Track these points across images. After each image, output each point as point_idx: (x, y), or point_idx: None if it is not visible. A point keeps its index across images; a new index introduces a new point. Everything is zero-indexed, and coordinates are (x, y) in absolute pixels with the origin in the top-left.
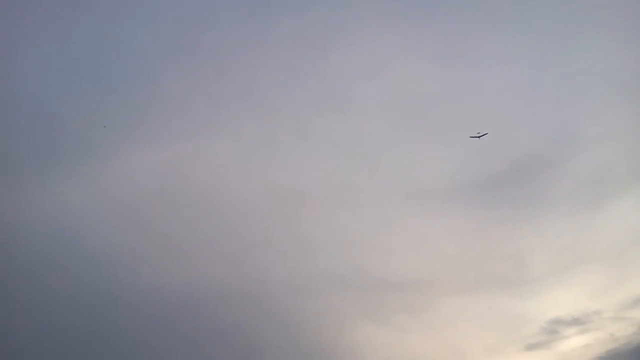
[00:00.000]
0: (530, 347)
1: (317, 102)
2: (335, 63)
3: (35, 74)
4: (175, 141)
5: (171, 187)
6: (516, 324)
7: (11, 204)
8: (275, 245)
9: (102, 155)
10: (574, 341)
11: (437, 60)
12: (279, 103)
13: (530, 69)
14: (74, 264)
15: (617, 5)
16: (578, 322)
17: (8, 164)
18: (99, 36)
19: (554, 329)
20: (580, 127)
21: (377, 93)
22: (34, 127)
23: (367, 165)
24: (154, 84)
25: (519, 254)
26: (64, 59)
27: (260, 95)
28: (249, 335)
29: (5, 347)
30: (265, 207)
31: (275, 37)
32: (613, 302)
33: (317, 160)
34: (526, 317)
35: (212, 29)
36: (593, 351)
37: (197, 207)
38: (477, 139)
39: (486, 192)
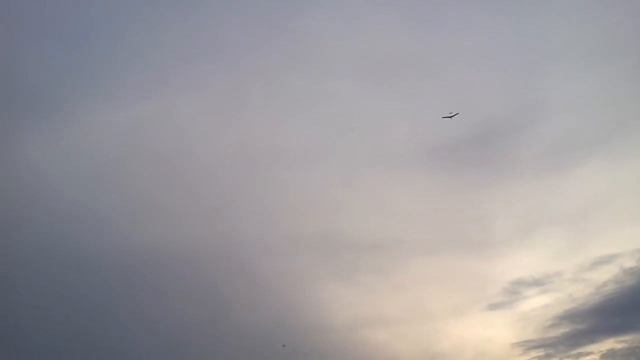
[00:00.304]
0: (493, 307)
1: (288, 62)
2: (306, 22)
3: None
4: (141, 98)
5: (137, 145)
6: (480, 285)
7: None
8: (244, 206)
9: (66, 112)
10: (535, 301)
11: (408, 24)
12: (248, 61)
13: (500, 34)
14: (39, 223)
15: None
16: (539, 283)
17: None
18: None
19: (515, 289)
20: (547, 94)
21: (348, 54)
22: None
23: (337, 127)
24: (117, 39)
25: (485, 217)
26: (25, 15)
27: (229, 52)
28: (221, 293)
29: None
30: (234, 168)
31: None
32: (573, 264)
33: (286, 121)
34: (489, 278)
35: None
36: (552, 311)
37: (164, 166)
38: (449, 118)
39: (454, 156)
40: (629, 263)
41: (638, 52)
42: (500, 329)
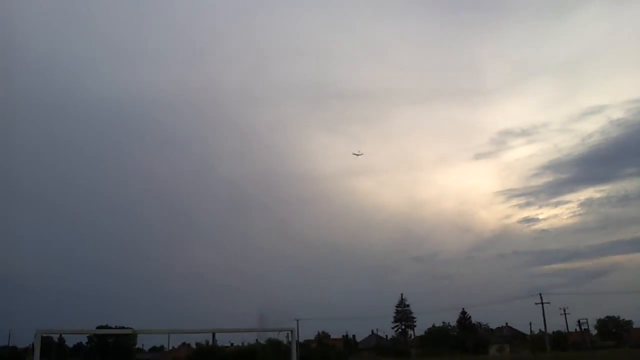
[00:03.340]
0: (479, 157)
1: None
2: None
3: None
4: None
5: None
6: (467, 135)
7: None
8: (229, 50)
9: None
10: (520, 151)
11: None
12: None
13: None
14: (28, 72)
15: None
16: (526, 133)
17: None
18: None
19: (502, 139)
20: None
21: None
22: None
23: None
24: None
25: (476, 64)
26: None
27: None
28: (208, 144)
29: None
30: (219, 9)
31: None
32: (561, 114)
33: None
34: (477, 127)
35: None
36: (537, 161)
37: (147, 6)
38: None
39: None
40: (617, 114)
41: None
42: (484, 178)
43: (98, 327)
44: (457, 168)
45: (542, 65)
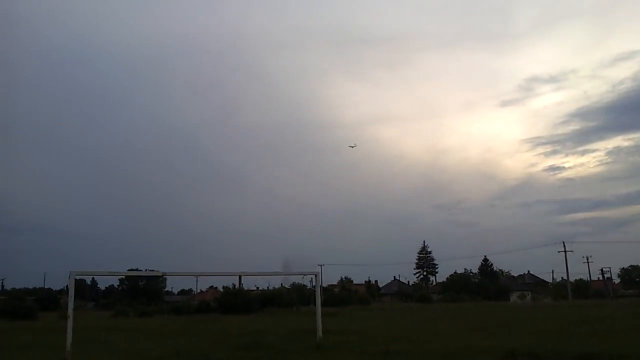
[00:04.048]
0: (505, 104)
1: None
2: None
3: None
4: None
5: None
6: (493, 81)
7: None
8: None
9: None
10: (548, 98)
11: None
12: None
13: None
14: (44, 19)
15: None
16: (554, 79)
17: None
18: None
19: (529, 86)
20: None
21: None
22: None
23: None
24: None
25: (504, 7)
26: None
27: None
28: (228, 91)
29: None
30: None
31: None
32: (591, 60)
33: None
34: (504, 73)
35: None
36: (565, 108)
37: None
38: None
39: None
40: None
41: None
42: (509, 126)
43: (129, 270)
44: (482, 115)
45: (572, 8)
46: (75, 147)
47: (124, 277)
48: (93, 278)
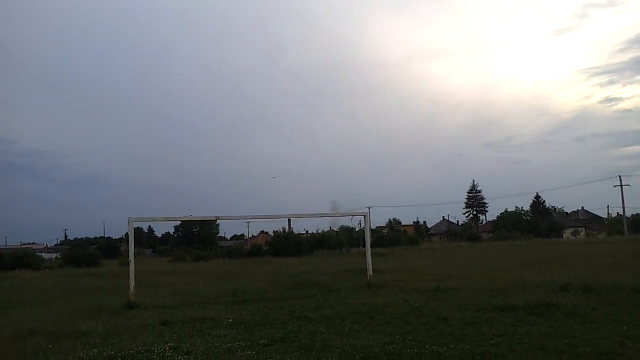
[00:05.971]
0: (559, 33)
1: None
2: None
3: None
4: None
5: None
6: (546, 8)
7: None
8: None
9: None
10: (605, 25)
11: None
12: None
13: None
14: None
15: None
16: (612, 3)
17: None
18: None
19: (585, 12)
20: None
21: None
22: None
23: None
24: None
25: None
26: None
27: None
28: (269, 33)
29: None
30: None
31: None
32: None
33: None
34: (557, 0)
35: None
36: (624, 35)
37: None
38: None
39: None
40: None
41: None
42: (563, 56)
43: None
44: (534, 46)
45: None
46: (128, 100)
47: (179, 224)
48: (150, 226)
